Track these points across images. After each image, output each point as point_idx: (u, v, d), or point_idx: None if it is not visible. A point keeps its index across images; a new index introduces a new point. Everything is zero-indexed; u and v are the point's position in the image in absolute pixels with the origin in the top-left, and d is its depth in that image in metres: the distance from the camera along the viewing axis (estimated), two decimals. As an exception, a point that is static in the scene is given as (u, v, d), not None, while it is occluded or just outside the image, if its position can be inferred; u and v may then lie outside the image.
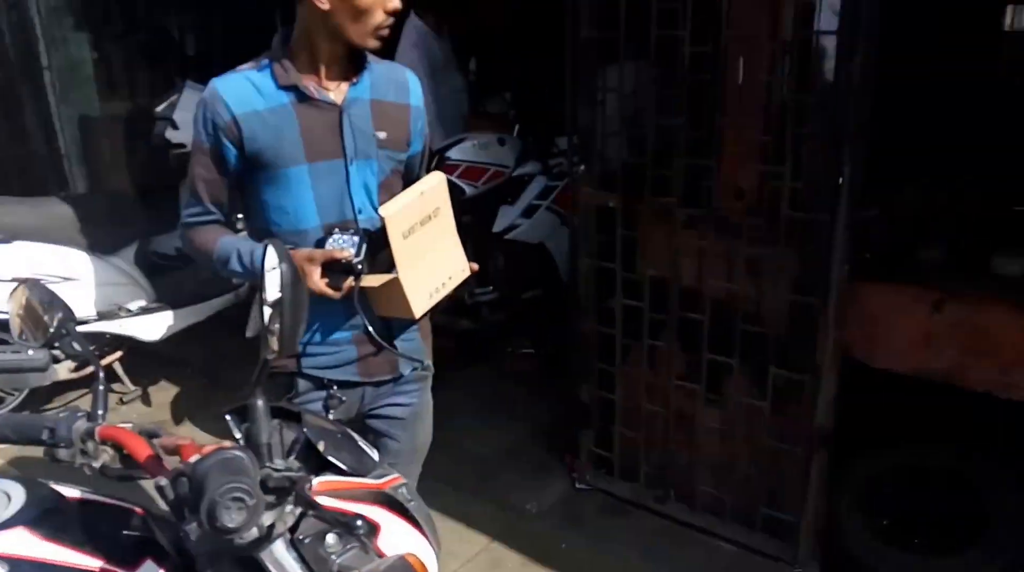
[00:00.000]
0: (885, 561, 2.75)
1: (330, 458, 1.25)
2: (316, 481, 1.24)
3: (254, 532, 1.10)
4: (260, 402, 1.12)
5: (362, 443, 1.34)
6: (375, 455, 1.36)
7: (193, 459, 1.07)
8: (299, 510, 1.14)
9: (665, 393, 2.99)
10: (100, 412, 1.28)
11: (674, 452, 3.06)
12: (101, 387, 1.30)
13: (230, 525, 0.98)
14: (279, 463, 1.11)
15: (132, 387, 4.07)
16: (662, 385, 2.99)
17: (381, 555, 1.27)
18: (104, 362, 3.87)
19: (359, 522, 1.18)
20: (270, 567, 1.16)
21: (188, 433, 3.76)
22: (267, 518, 1.09)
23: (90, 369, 3.93)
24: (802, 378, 2.62)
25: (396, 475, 1.39)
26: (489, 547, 2.96)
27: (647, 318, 2.93)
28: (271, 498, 1.07)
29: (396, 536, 1.28)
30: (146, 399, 4.10)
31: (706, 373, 2.85)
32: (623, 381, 3.11)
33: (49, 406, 4.00)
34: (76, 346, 3.91)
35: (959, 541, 2.74)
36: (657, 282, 2.89)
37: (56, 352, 3.98)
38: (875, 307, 2.66)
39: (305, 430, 1.24)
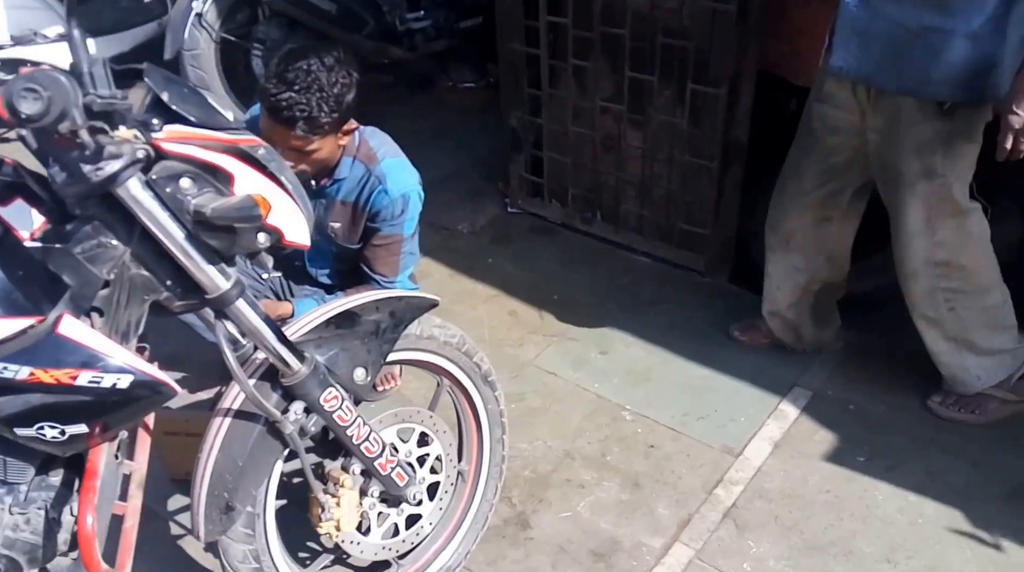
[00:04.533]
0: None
1: (174, 107, 1.30)
2: (166, 128, 1.30)
3: (108, 168, 1.21)
4: (76, 31, 1.17)
5: (215, 103, 1.40)
6: (230, 116, 1.42)
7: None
8: (145, 149, 1.23)
9: (591, 115, 3.03)
10: None
11: (600, 174, 3.15)
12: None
13: (28, 112, 1.09)
14: (103, 91, 1.17)
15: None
16: (588, 107, 3.03)
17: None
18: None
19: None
20: (129, 203, 1.27)
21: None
22: (111, 153, 1.20)
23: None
24: (718, 93, 2.65)
25: (256, 138, 1.45)
26: (423, 263, 3.12)
27: (571, 36, 2.90)
28: (99, 123, 1.15)
29: (252, 185, 1.36)
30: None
31: (627, 92, 2.88)
32: (551, 105, 3.14)
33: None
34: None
35: (864, 252, 2.91)
36: (581, -4, 2.84)
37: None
38: (802, 21, 2.63)
39: (146, 78, 1.29)
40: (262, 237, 1.40)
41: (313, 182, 2.15)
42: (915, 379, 2.51)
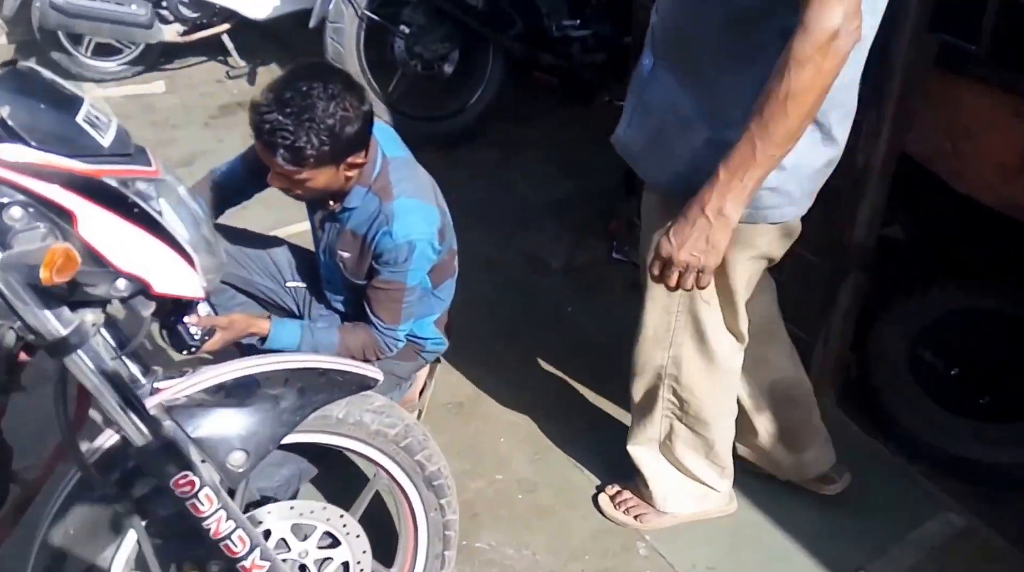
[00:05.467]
0: (922, 417, 2.31)
1: (10, 123, 1.08)
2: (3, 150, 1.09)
3: None
4: None
5: (87, 123, 1.15)
6: (104, 141, 1.17)
7: None
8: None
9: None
10: None
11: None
12: None
13: None
14: None
15: (241, 63, 4.14)
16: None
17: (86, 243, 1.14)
18: (210, 32, 3.93)
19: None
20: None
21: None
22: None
23: (197, 36, 4.00)
24: (838, 182, 2.10)
25: (149, 168, 1.21)
26: (496, 295, 2.82)
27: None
28: None
29: (99, 227, 1.13)
30: (252, 78, 4.16)
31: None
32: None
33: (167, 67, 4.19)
34: (182, 8, 3.90)
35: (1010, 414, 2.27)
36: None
37: (164, 11, 4.07)
38: (968, 115, 2.02)
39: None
40: (122, 284, 1.19)
41: (331, 201, 1.91)
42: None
